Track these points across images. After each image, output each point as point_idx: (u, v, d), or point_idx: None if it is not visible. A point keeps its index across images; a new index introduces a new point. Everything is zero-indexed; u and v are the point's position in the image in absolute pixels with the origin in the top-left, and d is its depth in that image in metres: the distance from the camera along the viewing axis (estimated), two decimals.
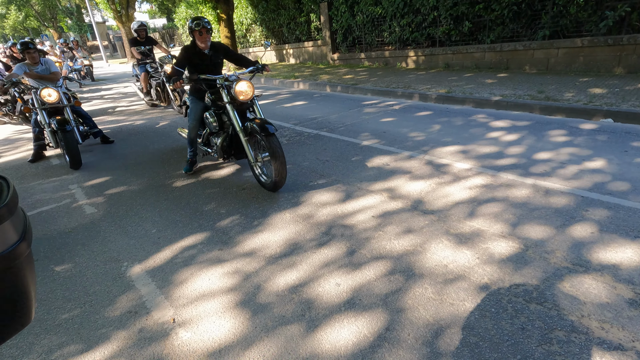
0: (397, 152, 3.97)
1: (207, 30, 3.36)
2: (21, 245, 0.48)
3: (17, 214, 0.49)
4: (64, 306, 2.10)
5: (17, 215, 0.49)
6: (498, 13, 7.39)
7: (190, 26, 3.35)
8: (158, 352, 1.73)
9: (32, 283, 0.51)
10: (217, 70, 3.60)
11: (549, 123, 4.47)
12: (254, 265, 2.30)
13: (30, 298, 0.51)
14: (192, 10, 18.09)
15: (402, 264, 2.17)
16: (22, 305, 0.50)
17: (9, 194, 0.48)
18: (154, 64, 7.34)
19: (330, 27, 11.25)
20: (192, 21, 3.33)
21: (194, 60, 3.44)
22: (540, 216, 2.51)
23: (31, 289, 0.51)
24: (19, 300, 0.49)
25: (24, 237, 0.49)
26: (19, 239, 0.48)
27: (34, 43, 4.74)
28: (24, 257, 0.49)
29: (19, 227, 0.49)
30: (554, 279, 1.93)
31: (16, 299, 0.49)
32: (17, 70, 4.54)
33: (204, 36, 3.37)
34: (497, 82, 6.53)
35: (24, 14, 34.38)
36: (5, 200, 0.46)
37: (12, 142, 6.16)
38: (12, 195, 0.48)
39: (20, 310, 0.50)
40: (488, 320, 1.72)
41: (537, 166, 3.28)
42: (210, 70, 3.47)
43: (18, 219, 0.49)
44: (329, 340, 1.70)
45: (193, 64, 3.45)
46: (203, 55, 3.46)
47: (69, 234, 2.92)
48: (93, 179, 4.07)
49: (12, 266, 0.47)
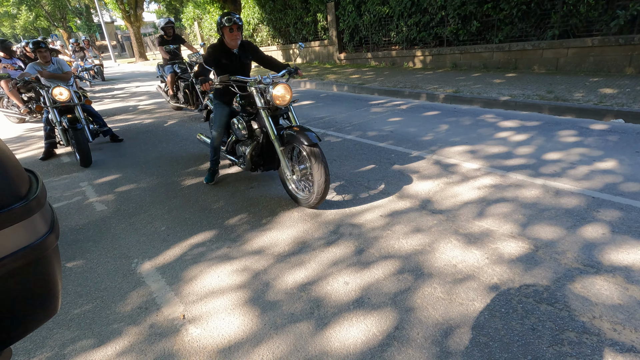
0: (404, 151, 3.96)
1: (238, 27, 3.08)
2: (50, 237, 0.49)
3: (46, 206, 0.50)
4: (76, 301, 2.13)
5: (46, 208, 0.50)
6: (507, 12, 7.33)
7: (219, 22, 3.05)
8: (168, 348, 1.75)
9: (59, 274, 0.53)
10: (245, 71, 3.36)
11: (558, 123, 4.43)
12: (262, 263, 2.31)
13: (58, 289, 0.53)
14: (199, 10, 18.21)
15: (411, 263, 2.17)
16: (50, 295, 0.51)
17: (38, 187, 0.49)
18: (182, 64, 6.83)
19: (337, 27, 11.25)
20: (222, 17, 3.04)
21: (221, 60, 3.18)
22: (551, 217, 2.49)
23: (58, 279, 0.52)
24: (48, 290, 0.50)
25: (53, 229, 0.50)
26: (49, 230, 0.49)
27: (45, 42, 4.82)
28: (53, 249, 0.50)
29: (48, 219, 0.50)
30: (565, 280, 1.91)
31: (45, 288, 0.50)
32: (30, 69, 4.62)
33: (235, 34, 3.09)
34: (505, 82, 6.48)
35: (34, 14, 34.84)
36: (36, 193, 0.47)
37: (23, 140, 6.25)
38: (42, 189, 0.50)
39: (49, 300, 0.51)
40: (498, 320, 1.71)
41: (547, 166, 3.26)
42: (238, 71, 3.20)
43: (47, 211, 0.50)
44: (338, 338, 1.71)
45: (221, 64, 3.19)
46: (232, 55, 3.21)
47: (80, 231, 2.96)
48: (103, 177, 4.12)
49: (42, 257, 0.48)
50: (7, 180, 0.44)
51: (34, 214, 0.46)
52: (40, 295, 0.49)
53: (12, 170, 0.45)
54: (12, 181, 0.45)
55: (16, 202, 0.44)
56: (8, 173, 0.45)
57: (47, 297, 0.50)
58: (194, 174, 3.94)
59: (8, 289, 0.45)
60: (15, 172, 0.46)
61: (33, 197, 0.46)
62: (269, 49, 14.82)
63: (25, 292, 0.47)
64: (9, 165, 0.45)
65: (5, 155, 0.46)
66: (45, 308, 0.51)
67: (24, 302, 0.47)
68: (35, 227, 0.47)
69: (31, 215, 0.46)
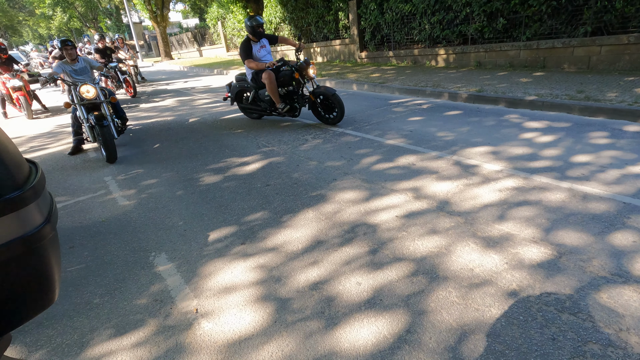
0: (424, 151, 3.88)
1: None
2: (46, 227, 0.49)
3: (43, 196, 0.50)
4: (96, 291, 2.21)
5: (44, 198, 0.51)
6: (536, 9, 7.05)
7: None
8: (181, 341, 1.78)
9: (56, 264, 0.53)
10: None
11: (589, 124, 4.22)
12: (276, 261, 2.32)
13: (54, 279, 0.53)
14: (223, 10, 18.51)
15: (426, 265, 2.12)
16: (45, 285, 0.51)
17: (36, 178, 0.49)
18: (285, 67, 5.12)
19: (359, 25, 11.16)
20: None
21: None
22: (577, 222, 2.37)
23: (55, 270, 0.53)
24: (43, 281, 0.51)
25: (49, 219, 0.50)
26: (44, 221, 0.49)
27: (72, 41, 5.01)
28: (48, 239, 0.50)
29: (44, 209, 0.50)
30: (590, 289, 1.82)
31: (39, 279, 0.50)
32: (57, 68, 4.79)
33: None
34: (532, 81, 6.24)
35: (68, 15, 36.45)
36: (32, 183, 0.48)
37: (54, 135, 6.54)
38: (40, 179, 0.50)
39: (43, 291, 0.52)
40: (516, 328, 1.64)
41: (574, 169, 3.11)
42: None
43: (44, 201, 0.51)
44: (347, 339, 1.69)
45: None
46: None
47: (103, 224, 3.06)
48: (126, 172, 4.25)
49: (37, 247, 0.48)
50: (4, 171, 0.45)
51: (28, 204, 0.46)
52: (35, 285, 0.50)
53: (8, 160, 0.46)
54: (8, 172, 0.45)
55: (11, 192, 0.45)
56: (5, 164, 0.45)
57: (42, 287, 0.51)
58: (211, 171, 4.00)
59: (4, 278, 0.45)
60: (12, 162, 0.46)
61: (29, 187, 0.47)
62: (291, 48, 14.89)
63: (20, 281, 0.47)
64: (6, 154, 0.46)
65: (3, 145, 0.46)
66: (40, 298, 0.51)
67: (20, 292, 0.48)
68: (30, 217, 0.47)
69: (26, 205, 0.46)
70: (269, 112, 5.42)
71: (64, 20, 37.37)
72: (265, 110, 5.46)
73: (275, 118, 6.04)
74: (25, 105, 7.75)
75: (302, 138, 4.79)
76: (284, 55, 15.23)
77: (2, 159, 0.45)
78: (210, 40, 23.01)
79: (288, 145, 4.55)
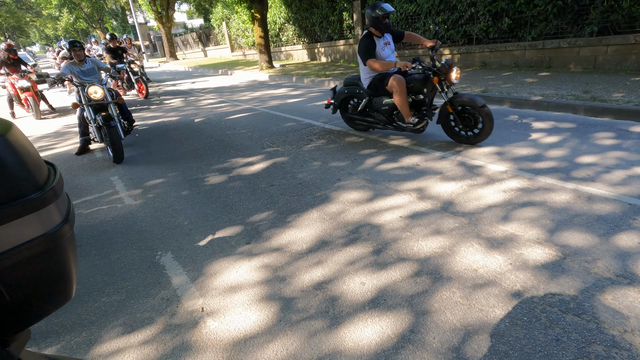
0: (428, 152, 3.88)
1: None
2: (65, 227, 0.51)
3: (62, 197, 0.53)
4: (103, 290, 2.24)
5: (62, 199, 0.53)
6: (541, 9, 7.02)
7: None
8: (187, 339, 1.80)
9: (73, 262, 0.55)
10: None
11: (594, 125, 4.20)
12: (280, 261, 2.34)
13: (72, 276, 0.55)
14: (227, 10, 18.58)
15: (430, 266, 2.13)
16: (63, 282, 0.54)
17: (55, 179, 0.52)
18: None
19: (363, 26, 11.16)
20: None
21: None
22: (581, 223, 2.37)
23: (72, 268, 0.55)
24: (62, 278, 0.53)
25: (68, 219, 0.53)
26: (63, 220, 0.52)
27: (80, 42, 5.04)
28: (67, 238, 0.52)
29: (63, 209, 0.52)
30: (594, 290, 1.82)
31: (59, 276, 0.53)
32: (65, 69, 4.84)
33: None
34: (537, 81, 6.21)
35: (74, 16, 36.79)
36: (52, 184, 0.50)
37: (61, 135, 6.62)
38: (59, 180, 0.52)
39: (62, 287, 0.54)
40: (519, 329, 1.65)
41: (579, 170, 3.10)
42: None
43: (63, 202, 0.53)
44: (352, 338, 1.70)
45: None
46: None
47: (109, 223, 3.10)
48: (132, 172, 4.30)
49: (56, 245, 0.50)
50: (25, 172, 0.47)
51: (49, 204, 0.49)
52: (54, 281, 0.52)
53: (30, 162, 0.48)
54: (29, 172, 0.47)
55: (33, 193, 0.47)
56: (26, 164, 0.47)
57: (61, 283, 0.53)
58: (216, 171, 4.03)
59: (24, 275, 0.47)
60: (33, 164, 0.49)
61: (49, 187, 0.49)
62: (295, 48, 14.93)
63: (40, 278, 0.50)
64: (28, 157, 0.48)
65: (25, 148, 0.48)
66: (59, 294, 0.53)
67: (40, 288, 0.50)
68: (50, 216, 0.49)
69: (47, 205, 0.48)
70: (386, 125, 4.30)
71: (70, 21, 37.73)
72: (379, 123, 4.35)
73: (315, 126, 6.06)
74: (33, 106, 7.84)
75: (306, 138, 4.81)
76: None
77: (25, 161, 0.47)
78: (215, 41, 23.12)
79: (292, 145, 4.58)
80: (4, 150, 0.45)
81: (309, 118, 5.85)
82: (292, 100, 7.63)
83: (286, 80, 10.49)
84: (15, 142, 0.47)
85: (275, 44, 16.09)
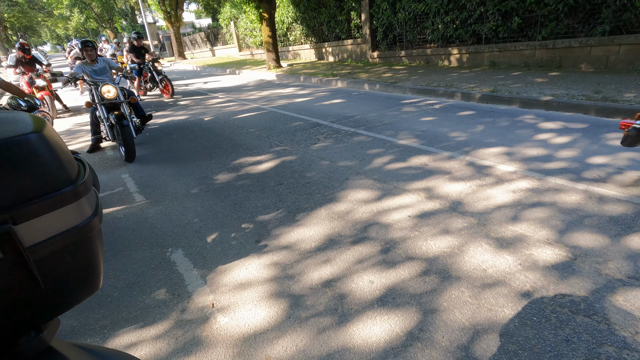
0: (436, 152, 3.87)
1: None
2: (95, 220, 0.54)
3: (92, 192, 0.55)
4: (116, 285, 2.28)
5: (92, 193, 0.55)
6: (552, 8, 6.95)
7: None
8: (198, 334, 1.83)
9: (101, 254, 0.58)
10: None
11: (605, 125, 4.15)
12: (289, 259, 2.36)
13: (100, 268, 0.58)
14: (236, 10, 18.67)
15: (438, 265, 2.13)
16: (93, 273, 0.56)
17: (85, 174, 0.54)
18: None
19: (371, 25, 11.15)
20: None
21: None
22: (592, 224, 2.35)
23: (100, 259, 0.58)
24: (91, 269, 0.56)
25: (97, 212, 0.55)
26: (93, 213, 0.54)
27: (92, 42, 5.08)
28: (96, 231, 0.55)
29: (93, 203, 0.55)
30: (605, 291, 1.80)
31: (89, 267, 0.55)
32: (77, 69, 4.88)
33: None
34: (548, 81, 6.15)
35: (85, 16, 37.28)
36: (83, 179, 0.52)
37: (72, 133, 6.73)
38: (89, 175, 0.55)
39: (91, 278, 0.56)
40: (529, 329, 1.65)
41: (590, 171, 3.07)
42: None
43: (92, 196, 0.55)
44: (360, 335, 1.72)
45: None
46: None
47: (121, 220, 3.15)
48: (143, 170, 4.36)
49: (87, 237, 0.53)
50: (59, 167, 0.49)
51: (81, 198, 0.51)
52: (84, 272, 0.54)
53: (63, 158, 0.50)
54: (63, 167, 0.50)
55: (67, 186, 0.49)
56: (60, 159, 0.50)
57: (90, 274, 0.55)
58: (225, 169, 4.07)
59: (58, 265, 0.50)
60: (66, 159, 0.51)
61: (81, 182, 0.51)
62: (302, 48, 14.96)
63: (72, 268, 0.52)
64: (61, 152, 0.51)
65: (58, 144, 0.51)
66: (89, 284, 0.56)
67: (71, 277, 0.53)
68: (82, 209, 0.52)
69: (79, 199, 0.51)
70: None
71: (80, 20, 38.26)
72: None
73: None
74: (50, 105, 7.88)
75: (314, 137, 4.83)
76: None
77: (59, 157, 0.50)
78: (223, 40, 23.24)
79: (300, 144, 4.60)
80: (41, 146, 0.48)
81: (317, 117, 5.87)
82: (299, 99, 7.65)
83: (294, 79, 10.52)
84: (50, 138, 0.50)
85: (283, 44, 16.13)
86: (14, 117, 0.51)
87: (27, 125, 0.49)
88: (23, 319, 0.50)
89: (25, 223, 0.45)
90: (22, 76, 7.90)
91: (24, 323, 0.51)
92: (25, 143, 0.46)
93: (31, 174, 0.46)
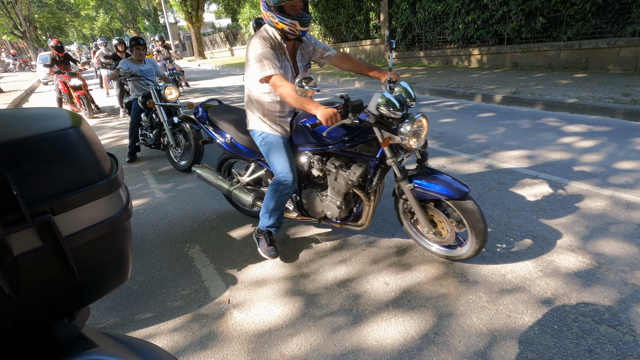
0: (455, 154, 3.81)
1: None
2: (126, 212, 0.56)
3: (123, 186, 0.57)
4: (136, 278, 2.34)
5: (123, 188, 0.58)
6: (579, 7, 6.73)
7: None
8: (214, 329, 1.87)
9: (130, 246, 0.60)
10: None
11: (634, 129, 3.99)
12: (304, 258, 2.37)
13: (129, 259, 0.60)
14: (255, 10, 18.88)
15: (455, 268, 2.10)
16: (123, 263, 0.58)
17: (118, 169, 0.56)
18: None
19: (390, 25, 11.06)
20: None
21: None
22: (618, 231, 2.27)
23: (129, 251, 0.60)
24: (121, 259, 0.58)
25: (127, 206, 0.57)
26: (124, 206, 0.56)
27: (144, 40, 4.70)
28: (127, 223, 0.57)
29: (124, 197, 0.57)
30: (631, 301, 1.74)
31: (119, 257, 0.57)
32: (123, 65, 4.58)
33: None
34: (572, 82, 5.96)
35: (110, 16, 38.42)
36: (116, 173, 0.55)
37: (97, 130, 6.95)
38: (121, 170, 0.57)
39: (121, 268, 0.59)
40: (549, 337, 1.61)
41: (617, 176, 2.96)
42: None
43: (124, 191, 0.58)
44: (374, 336, 1.71)
45: None
46: None
47: (142, 215, 3.24)
48: (163, 167, 4.46)
49: (118, 229, 0.55)
50: (95, 161, 0.52)
51: (114, 191, 0.53)
52: (115, 262, 0.57)
53: (98, 152, 0.53)
54: (98, 162, 0.52)
55: (101, 180, 0.51)
56: (96, 155, 0.52)
57: (120, 264, 0.58)
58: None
59: (91, 255, 0.52)
60: (100, 154, 0.53)
61: (114, 176, 0.54)
62: None
63: (104, 258, 0.54)
64: (97, 147, 0.53)
65: (94, 139, 0.53)
66: (119, 274, 0.58)
67: (103, 267, 0.55)
68: (114, 203, 0.54)
69: (112, 192, 0.53)
70: None
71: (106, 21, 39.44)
72: None
73: None
74: (86, 104, 7.80)
75: None
76: None
77: (95, 151, 0.52)
78: (242, 40, 23.54)
79: None
80: (78, 141, 0.50)
81: None
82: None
83: None
84: (87, 133, 0.52)
85: None
86: (54, 113, 0.53)
87: (65, 120, 0.51)
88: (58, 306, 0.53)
89: (64, 214, 0.47)
90: (57, 76, 7.72)
91: (58, 310, 0.53)
92: (64, 138, 0.49)
93: (69, 167, 0.48)
